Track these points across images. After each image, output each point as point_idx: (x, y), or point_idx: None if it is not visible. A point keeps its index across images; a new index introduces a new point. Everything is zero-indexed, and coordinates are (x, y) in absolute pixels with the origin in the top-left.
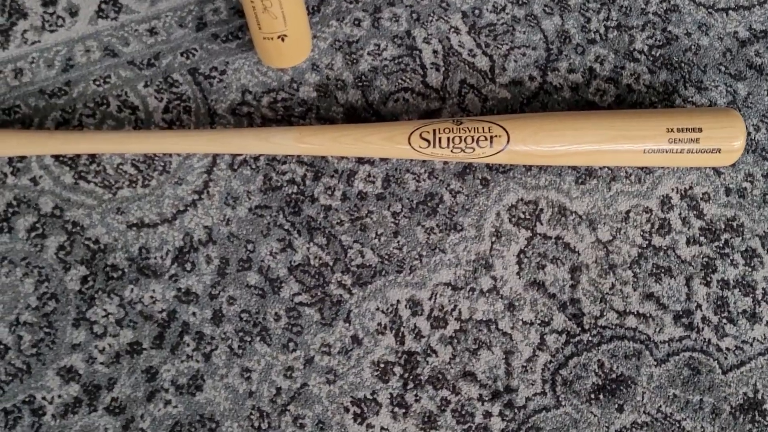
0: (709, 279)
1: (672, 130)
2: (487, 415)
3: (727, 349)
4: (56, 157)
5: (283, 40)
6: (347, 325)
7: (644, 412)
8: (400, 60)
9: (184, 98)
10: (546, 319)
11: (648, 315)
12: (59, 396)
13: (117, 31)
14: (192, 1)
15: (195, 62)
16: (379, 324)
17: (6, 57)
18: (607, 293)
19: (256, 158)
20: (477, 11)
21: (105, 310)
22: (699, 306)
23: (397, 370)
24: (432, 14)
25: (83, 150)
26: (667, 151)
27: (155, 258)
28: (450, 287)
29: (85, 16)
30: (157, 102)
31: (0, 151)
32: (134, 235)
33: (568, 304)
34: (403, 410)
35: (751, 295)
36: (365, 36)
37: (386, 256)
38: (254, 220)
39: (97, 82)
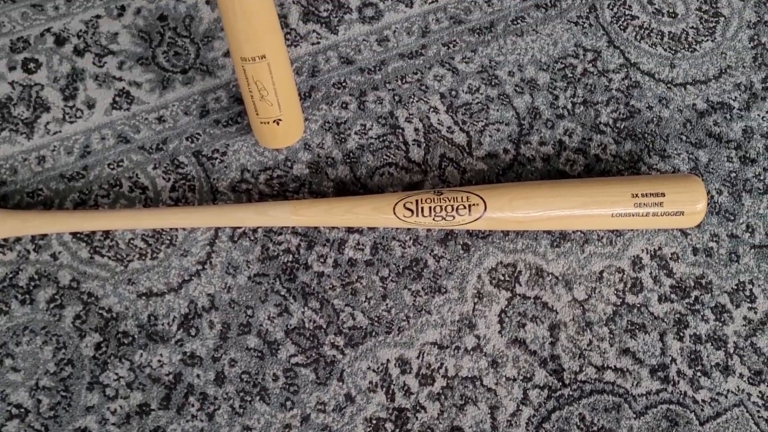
0: (682, 334)
1: (637, 195)
2: None
3: (703, 401)
4: (74, 234)
5: (278, 123)
6: (341, 383)
7: None
8: (385, 138)
9: (189, 178)
10: (528, 375)
11: (625, 369)
12: None
13: (129, 120)
14: (196, 92)
15: (199, 145)
16: (371, 382)
17: (31, 146)
18: (585, 349)
19: (255, 230)
20: (453, 92)
21: (117, 374)
22: (674, 360)
23: (389, 426)
24: (413, 96)
25: (98, 227)
26: (633, 215)
27: (163, 324)
28: (436, 346)
29: (101, 108)
30: (164, 182)
31: (24, 230)
32: (144, 304)
33: (548, 360)
34: None
35: (723, 349)
36: (352, 117)
37: (376, 318)
38: (253, 287)
39: (111, 166)
